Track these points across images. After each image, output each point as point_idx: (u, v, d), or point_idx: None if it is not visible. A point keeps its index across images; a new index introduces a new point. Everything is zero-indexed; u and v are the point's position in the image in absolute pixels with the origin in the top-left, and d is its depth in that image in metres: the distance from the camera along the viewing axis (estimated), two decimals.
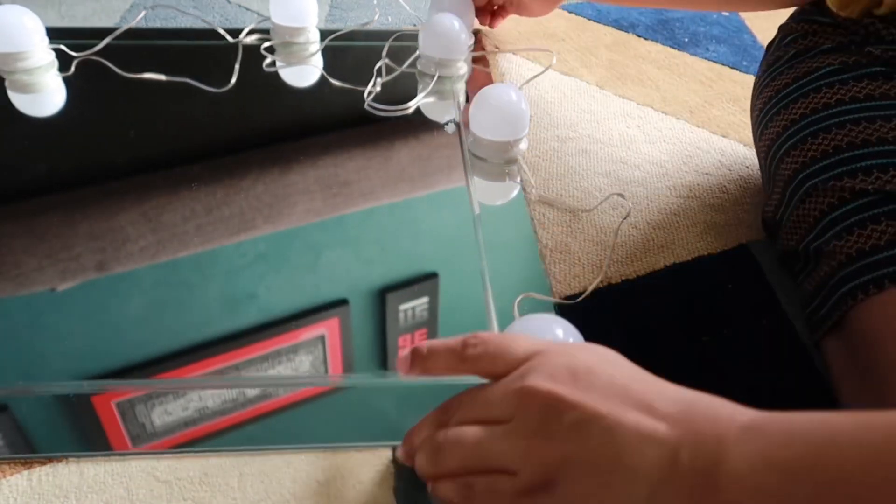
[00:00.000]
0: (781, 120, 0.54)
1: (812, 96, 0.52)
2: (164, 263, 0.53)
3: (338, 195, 0.61)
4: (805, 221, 0.49)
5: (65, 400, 0.43)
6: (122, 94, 0.71)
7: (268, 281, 0.52)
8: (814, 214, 0.48)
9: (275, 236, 0.57)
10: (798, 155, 0.51)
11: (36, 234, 0.55)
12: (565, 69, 0.83)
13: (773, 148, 0.54)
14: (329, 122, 0.70)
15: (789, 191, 0.51)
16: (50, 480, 0.39)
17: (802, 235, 0.49)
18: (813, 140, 0.50)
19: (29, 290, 0.51)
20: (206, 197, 0.59)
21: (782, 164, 0.53)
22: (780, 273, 0.54)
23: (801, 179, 0.50)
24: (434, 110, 0.70)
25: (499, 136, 0.61)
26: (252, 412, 0.43)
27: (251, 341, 0.48)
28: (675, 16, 0.98)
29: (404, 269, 0.54)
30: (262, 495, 0.39)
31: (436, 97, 0.71)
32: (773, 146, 0.54)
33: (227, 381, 0.45)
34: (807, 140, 0.50)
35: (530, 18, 0.88)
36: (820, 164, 0.49)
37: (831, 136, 0.49)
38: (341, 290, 0.51)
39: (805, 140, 0.51)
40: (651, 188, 0.63)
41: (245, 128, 0.70)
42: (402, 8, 0.93)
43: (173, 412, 0.42)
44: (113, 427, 0.42)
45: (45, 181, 0.61)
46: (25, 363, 0.46)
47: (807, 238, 0.49)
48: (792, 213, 0.51)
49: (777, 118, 0.54)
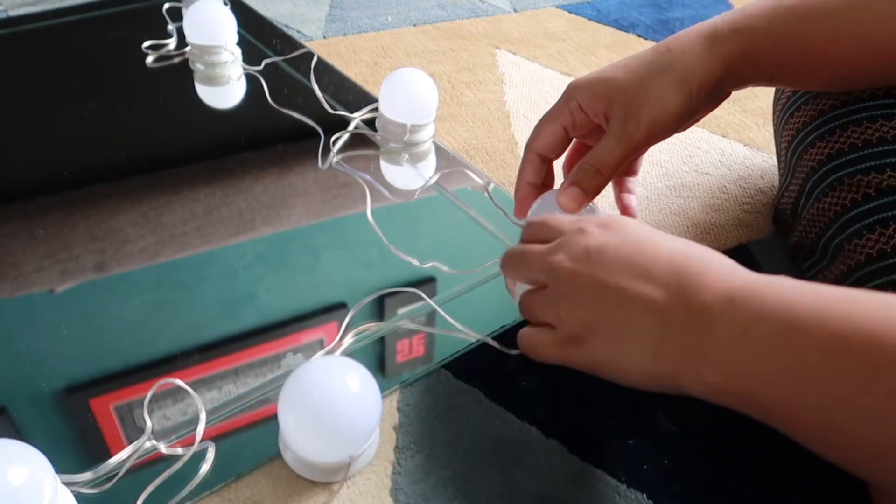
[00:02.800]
0: (809, 110, 0.52)
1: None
2: (163, 265, 0.53)
3: (337, 197, 0.60)
4: (825, 215, 0.48)
5: (63, 403, 0.43)
6: (122, 95, 0.71)
7: (266, 284, 0.52)
8: (835, 209, 0.47)
9: (273, 238, 0.56)
10: (824, 146, 0.49)
11: (35, 235, 0.55)
12: (565, 69, 0.82)
13: (797, 137, 0.53)
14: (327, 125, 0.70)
15: (811, 182, 0.50)
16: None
17: (822, 230, 0.48)
18: (842, 132, 0.48)
19: (27, 291, 0.51)
20: (205, 198, 0.59)
21: (806, 154, 0.51)
22: (780, 273, 0.54)
23: (825, 171, 0.48)
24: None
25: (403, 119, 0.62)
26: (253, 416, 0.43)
27: (250, 344, 0.47)
28: (675, 16, 0.98)
29: (403, 272, 0.54)
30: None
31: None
32: (799, 135, 0.53)
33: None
34: (835, 132, 0.49)
35: (531, 20, 0.88)
36: (847, 156, 0.47)
37: (861, 129, 0.47)
38: (340, 294, 0.51)
39: (833, 132, 0.49)
40: (651, 188, 0.63)
41: (245, 128, 0.70)
42: (403, 8, 0.93)
43: (172, 417, 0.42)
44: (111, 430, 0.42)
45: (44, 181, 0.61)
46: (24, 365, 0.45)
47: (826, 233, 0.47)
48: (812, 206, 0.49)
49: (805, 108, 0.53)
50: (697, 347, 0.35)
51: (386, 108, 0.64)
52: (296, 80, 0.75)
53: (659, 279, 0.37)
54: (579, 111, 0.47)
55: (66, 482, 0.37)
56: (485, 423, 0.43)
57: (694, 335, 0.35)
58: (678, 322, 0.35)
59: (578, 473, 0.41)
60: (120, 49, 0.81)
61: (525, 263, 0.43)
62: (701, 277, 0.36)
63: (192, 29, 0.75)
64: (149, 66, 0.77)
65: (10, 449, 0.32)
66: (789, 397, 0.32)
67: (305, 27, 0.90)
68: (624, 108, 0.44)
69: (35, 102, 0.72)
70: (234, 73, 0.76)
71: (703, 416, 0.43)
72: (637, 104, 0.44)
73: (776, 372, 0.32)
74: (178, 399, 0.43)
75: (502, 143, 0.69)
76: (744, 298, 0.34)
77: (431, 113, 0.64)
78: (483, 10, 0.98)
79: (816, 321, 0.32)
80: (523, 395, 0.45)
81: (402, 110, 0.63)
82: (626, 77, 0.45)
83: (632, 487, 0.40)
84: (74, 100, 0.72)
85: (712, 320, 0.34)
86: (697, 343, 0.35)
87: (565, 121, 0.48)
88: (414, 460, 0.41)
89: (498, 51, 0.86)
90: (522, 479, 0.40)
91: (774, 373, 0.32)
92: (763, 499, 0.40)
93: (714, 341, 0.34)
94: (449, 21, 0.94)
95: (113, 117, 0.70)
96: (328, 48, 0.85)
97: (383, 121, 0.65)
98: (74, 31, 0.85)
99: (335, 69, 0.78)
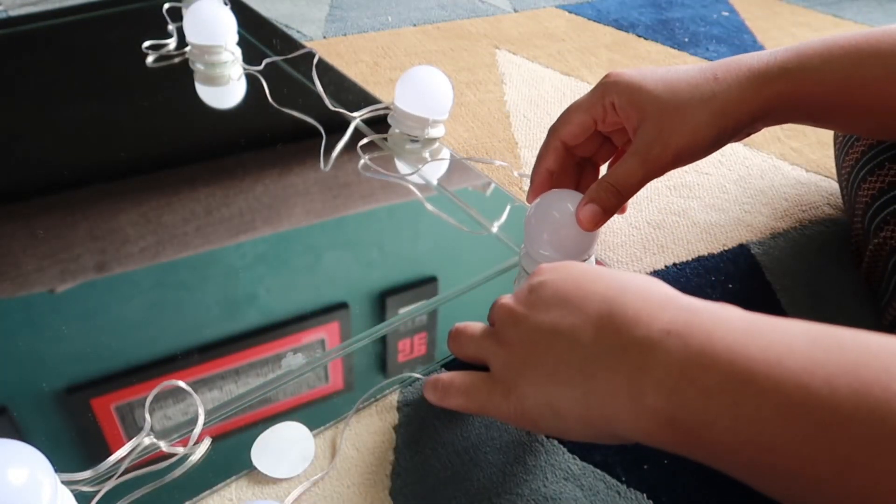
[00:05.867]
0: (861, 146, 0.51)
1: None
2: (164, 265, 0.53)
3: (338, 197, 0.61)
4: (881, 252, 0.46)
5: (63, 403, 0.43)
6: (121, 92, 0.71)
7: (268, 284, 0.52)
8: (890, 244, 0.45)
9: (274, 238, 0.56)
10: (875, 181, 0.47)
11: (35, 235, 0.55)
12: (565, 69, 0.82)
13: (852, 174, 0.52)
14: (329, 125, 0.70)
15: (866, 219, 0.48)
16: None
17: (881, 271, 0.46)
18: (891, 165, 0.46)
19: (28, 291, 0.51)
20: (205, 198, 0.59)
21: (860, 190, 0.50)
22: (780, 273, 0.54)
23: (877, 207, 0.47)
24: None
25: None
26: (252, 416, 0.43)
27: (250, 344, 0.47)
28: (675, 16, 0.98)
29: (404, 272, 0.54)
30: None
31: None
32: (853, 172, 0.51)
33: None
34: (884, 164, 0.47)
35: (531, 20, 0.88)
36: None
37: None
38: (341, 294, 0.51)
39: (882, 165, 0.47)
40: (651, 188, 0.63)
41: (245, 128, 0.70)
42: (403, 8, 0.93)
43: (172, 416, 0.42)
44: (111, 430, 0.42)
45: (44, 181, 0.61)
46: (24, 365, 0.45)
47: (885, 273, 0.45)
48: (871, 244, 0.47)
49: (857, 144, 0.51)
50: (631, 387, 0.31)
51: (405, 103, 0.63)
52: (296, 79, 0.75)
53: (590, 314, 0.34)
54: (612, 110, 0.46)
55: (66, 481, 0.37)
56: (485, 424, 0.43)
57: (626, 374, 0.31)
58: (608, 358, 0.32)
59: (578, 473, 0.41)
60: (120, 49, 0.81)
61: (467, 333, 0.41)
62: (633, 310, 0.32)
63: (192, 29, 0.75)
64: (149, 66, 0.77)
65: (10, 449, 0.32)
66: (743, 444, 0.28)
67: (305, 27, 0.90)
68: (655, 129, 0.43)
69: (35, 102, 0.72)
70: (235, 73, 0.76)
71: None
72: (669, 129, 0.43)
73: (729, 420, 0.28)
74: (179, 399, 0.43)
75: (502, 143, 0.69)
76: (681, 334, 0.30)
77: (448, 109, 0.64)
78: (483, 10, 0.98)
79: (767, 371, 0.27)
80: None
81: (421, 105, 0.62)
82: (666, 96, 0.43)
83: (632, 487, 0.40)
84: (75, 100, 0.72)
85: (645, 358, 0.31)
86: (630, 383, 0.31)
87: (597, 114, 0.46)
88: (414, 460, 0.41)
89: (498, 51, 0.86)
90: (522, 479, 0.40)
91: (727, 422, 0.28)
92: (763, 499, 0.40)
93: (649, 386, 0.30)
94: (449, 21, 0.94)
95: (113, 117, 0.70)
96: (328, 48, 0.85)
97: (400, 116, 0.64)
98: (74, 31, 0.85)
99: (335, 69, 0.78)
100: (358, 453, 0.41)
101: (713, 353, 0.29)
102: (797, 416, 0.26)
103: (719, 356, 0.29)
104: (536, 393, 0.35)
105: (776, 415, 0.27)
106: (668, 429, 0.30)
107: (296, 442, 0.41)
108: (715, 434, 0.28)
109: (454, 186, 0.61)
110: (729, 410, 0.28)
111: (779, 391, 0.27)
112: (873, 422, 0.25)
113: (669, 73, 0.45)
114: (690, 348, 0.29)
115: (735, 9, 1.02)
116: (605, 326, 0.33)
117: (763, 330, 0.29)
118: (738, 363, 0.28)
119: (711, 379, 0.28)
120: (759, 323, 0.30)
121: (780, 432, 0.26)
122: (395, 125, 0.64)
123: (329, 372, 0.46)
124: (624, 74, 0.46)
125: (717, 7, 1.02)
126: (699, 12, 1.00)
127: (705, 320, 0.30)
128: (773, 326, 0.29)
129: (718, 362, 0.28)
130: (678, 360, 0.30)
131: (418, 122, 0.63)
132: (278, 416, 0.43)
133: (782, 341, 0.28)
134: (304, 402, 0.44)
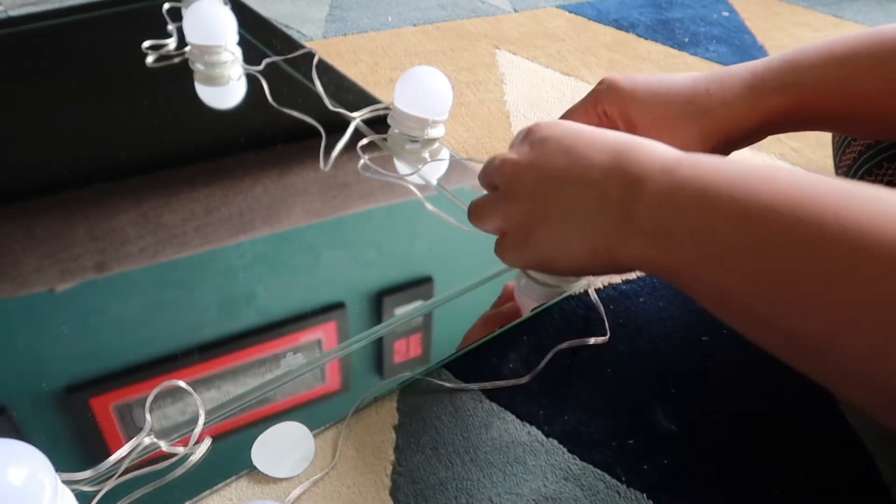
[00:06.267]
0: (858, 144, 0.50)
1: None
2: (163, 265, 0.53)
3: (337, 197, 0.61)
4: None
5: (63, 402, 0.43)
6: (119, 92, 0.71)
7: (267, 283, 0.52)
8: None
9: (274, 238, 0.56)
10: (873, 181, 0.46)
11: (35, 235, 0.55)
12: (565, 69, 0.82)
13: (849, 174, 0.51)
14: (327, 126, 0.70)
15: None
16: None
17: None
18: (889, 164, 0.46)
19: (28, 291, 0.51)
20: (205, 198, 0.59)
21: None
22: None
23: None
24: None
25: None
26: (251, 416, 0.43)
27: (248, 344, 0.47)
28: (675, 16, 0.98)
29: (401, 272, 0.54)
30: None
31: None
32: (850, 172, 0.51)
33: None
34: (882, 164, 0.46)
35: (531, 20, 0.88)
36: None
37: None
38: (338, 294, 0.51)
39: (881, 164, 0.46)
40: None
41: (245, 128, 0.70)
42: (403, 8, 0.93)
43: (171, 416, 0.42)
44: (111, 430, 0.42)
45: (44, 181, 0.61)
46: (24, 365, 0.45)
47: None
48: None
49: (855, 143, 0.51)
50: (626, 214, 0.34)
51: (404, 103, 0.63)
52: (296, 80, 0.75)
53: (599, 157, 0.36)
54: (605, 118, 0.46)
55: (67, 481, 0.37)
56: (485, 423, 0.43)
57: (625, 204, 0.34)
58: (614, 193, 0.35)
59: (578, 473, 0.41)
60: (120, 49, 0.81)
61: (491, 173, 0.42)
62: (640, 152, 0.35)
63: (191, 29, 0.75)
64: (149, 66, 0.77)
65: (11, 449, 0.32)
66: (698, 263, 0.32)
67: (305, 27, 0.90)
68: None
69: (35, 102, 0.72)
70: (235, 73, 0.76)
71: (703, 415, 0.43)
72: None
73: (687, 239, 0.32)
74: (178, 399, 0.43)
75: (502, 144, 0.69)
76: (673, 169, 0.33)
77: (447, 109, 0.64)
78: (483, 10, 0.98)
79: (730, 192, 0.31)
80: (523, 395, 0.45)
81: (420, 105, 0.62)
82: (659, 109, 0.44)
83: (632, 487, 0.40)
84: (74, 100, 0.72)
85: (643, 188, 0.34)
86: (627, 210, 0.34)
87: (591, 122, 0.47)
88: (414, 460, 0.41)
89: (498, 51, 0.86)
90: (522, 479, 0.40)
91: (686, 240, 0.32)
92: (763, 499, 0.40)
93: (639, 208, 0.34)
94: (449, 21, 0.94)
95: (113, 117, 0.70)
96: (328, 48, 0.85)
97: (400, 116, 0.64)
98: (74, 31, 0.85)
99: (335, 69, 0.78)
100: (358, 453, 0.41)
101: (691, 180, 0.32)
102: (747, 227, 0.29)
103: (693, 183, 0.32)
104: (552, 237, 0.38)
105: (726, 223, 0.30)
106: (650, 246, 0.33)
107: (296, 442, 0.41)
108: (682, 252, 0.32)
109: (454, 186, 0.61)
110: (691, 223, 0.32)
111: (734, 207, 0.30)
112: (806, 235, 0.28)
113: (662, 85, 0.45)
114: (675, 180, 0.33)
115: (735, 9, 1.02)
116: (613, 168, 0.35)
117: (739, 166, 0.32)
118: (709, 189, 0.31)
119: (682, 197, 0.32)
120: (744, 163, 0.32)
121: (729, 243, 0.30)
122: (395, 125, 0.64)
123: (326, 372, 0.46)
124: (617, 83, 0.46)
125: (717, 7, 1.02)
126: (699, 12, 1.00)
127: (697, 159, 0.34)
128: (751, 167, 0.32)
129: (692, 185, 0.32)
130: (666, 188, 0.33)
131: (418, 122, 0.63)
132: (278, 416, 0.43)
133: (751, 172, 0.31)
134: (303, 401, 0.44)
